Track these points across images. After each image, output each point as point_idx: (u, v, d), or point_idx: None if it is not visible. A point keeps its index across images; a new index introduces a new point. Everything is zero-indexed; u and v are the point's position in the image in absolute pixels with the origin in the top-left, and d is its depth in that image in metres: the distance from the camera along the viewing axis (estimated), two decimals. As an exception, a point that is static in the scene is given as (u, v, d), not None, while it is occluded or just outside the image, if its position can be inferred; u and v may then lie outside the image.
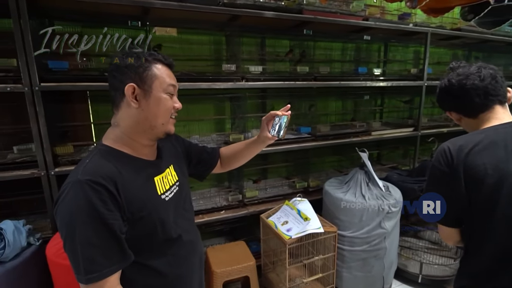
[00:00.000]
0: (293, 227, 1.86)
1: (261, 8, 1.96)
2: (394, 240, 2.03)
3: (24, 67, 1.51)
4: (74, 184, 0.73)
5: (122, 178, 0.79)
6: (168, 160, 1.00)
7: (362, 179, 2.05)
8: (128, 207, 0.78)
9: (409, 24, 2.56)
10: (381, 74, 2.60)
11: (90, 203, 0.71)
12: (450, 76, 1.03)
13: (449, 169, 0.94)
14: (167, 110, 0.87)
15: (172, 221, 0.90)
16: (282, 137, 1.09)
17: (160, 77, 0.85)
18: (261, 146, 1.17)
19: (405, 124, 2.84)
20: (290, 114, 1.10)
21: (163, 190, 0.91)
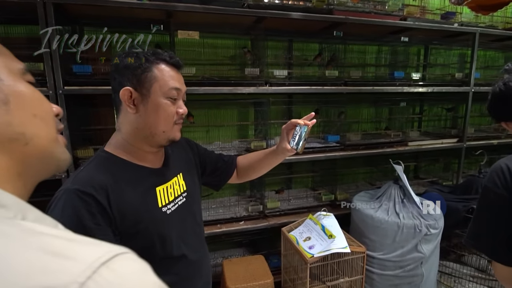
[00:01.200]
0: (316, 244, 1.71)
1: (288, 9, 1.86)
2: (432, 266, 1.79)
3: (49, 71, 1.54)
4: (63, 193, 0.67)
5: (117, 188, 0.71)
6: (177, 168, 0.91)
7: (396, 195, 1.85)
8: (121, 221, 0.70)
9: (454, 24, 2.31)
10: (420, 79, 2.36)
11: (77, 216, 0.64)
12: (507, 79, 0.85)
13: (507, 192, 0.76)
14: (168, 117, 0.78)
15: (175, 237, 0.81)
16: (300, 151, 0.96)
17: (160, 79, 0.76)
18: (281, 157, 1.05)
19: (448, 135, 2.56)
20: (312, 124, 0.96)
21: (166, 202, 0.82)
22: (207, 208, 2.10)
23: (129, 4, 1.59)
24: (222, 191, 2.36)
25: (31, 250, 0.25)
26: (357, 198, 2.01)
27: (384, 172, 2.63)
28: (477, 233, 0.88)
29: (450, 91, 2.41)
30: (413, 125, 2.87)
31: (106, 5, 1.56)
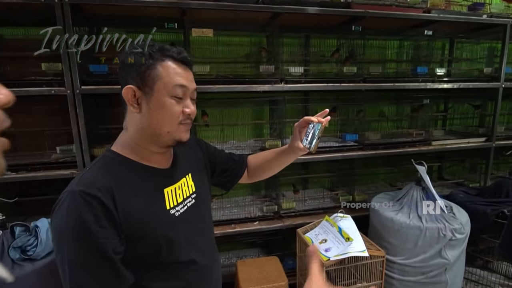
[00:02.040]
0: (333, 247, 1.65)
1: (304, 4, 1.80)
2: (458, 274, 1.69)
3: (67, 71, 1.56)
4: (68, 194, 0.65)
5: (123, 190, 0.69)
6: (186, 168, 0.88)
7: (418, 197, 1.75)
8: (127, 224, 0.68)
9: (483, 16, 2.17)
10: (445, 75, 2.24)
11: (81, 219, 0.62)
12: None
13: None
14: (173, 117, 0.74)
15: (184, 241, 0.78)
16: (313, 150, 0.91)
17: (165, 77, 0.72)
18: (292, 157, 1.00)
19: (475, 134, 2.42)
20: (326, 122, 0.90)
21: (174, 204, 0.79)
22: (221, 207, 2.08)
23: (144, 3, 1.59)
24: (236, 191, 2.34)
25: None
26: (376, 200, 1.93)
27: (405, 173, 2.52)
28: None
29: (477, 87, 2.26)
30: (437, 123, 2.72)
31: (121, 4, 1.57)
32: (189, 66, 0.78)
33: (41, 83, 1.61)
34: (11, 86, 1.55)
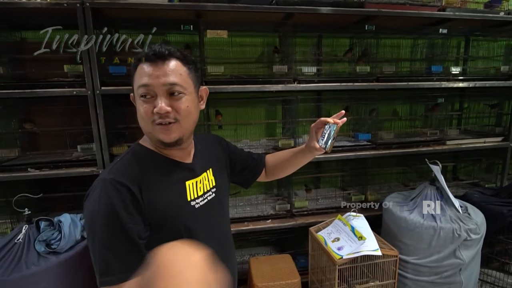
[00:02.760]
0: (345, 246, 1.66)
1: (317, 4, 1.81)
2: (473, 274, 1.68)
3: (88, 72, 1.62)
4: (100, 182, 0.72)
5: (148, 181, 0.74)
6: (207, 164, 0.92)
7: (432, 196, 1.74)
8: (151, 211, 0.73)
9: (500, 13, 2.13)
10: (460, 73, 2.21)
11: (111, 204, 0.68)
12: None
13: None
14: (143, 118, 0.75)
15: (202, 232, 0.82)
16: (328, 150, 0.93)
17: (136, 80, 0.75)
18: (309, 156, 1.02)
19: (492, 133, 2.38)
20: (342, 123, 0.92)
21: (195, 196, 0.83)
22: (234, 205, 2.11)
23: (160, 6, 1.63)
24: (249, 189, 2.37)
25: None
26: (389, 199, 1.93)
27: (419, 173, 2.49)
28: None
29: (494, 86, 2.22)
30: (452, 123, 2.69)
31: (139, 8, 1.62)
32: (162, 58, 0.74)
33: (63, 84, 1.68)
34: (35, 87, 1.63)
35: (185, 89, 0.76)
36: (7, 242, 1.38)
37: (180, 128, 0.77)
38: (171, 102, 0.74)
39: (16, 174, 1.69)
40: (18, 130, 1.88)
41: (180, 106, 0.75)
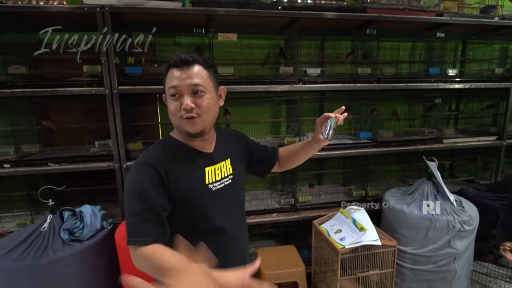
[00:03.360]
0: (347, 237, 1.77)
1: (322, 9, 1.92)
2: (466, 263, 1.79)
3: (106, 72, 1.73)
4: (136, 163, 0.90)
5: (174, 165, 0.90)
6: (226, 154, 1.06)
7: (429, 191, 1.85)
8: (174, 190, 0.89)
9: (495, 18, 2.24)
10: (457, 75, 2.32)
11: (141, 180, 0.86)
12: None
13: None
14: (173, 113, 0.92)
15: (217, 212, 0.96)
16: (330, 139, 1.06)
17: (166, 82, 0.92)
18: (316, 147, 1.15)
19: (486, 132, 2.49)
20: (343, 117, 1.06)
21: (212, 180, 0.97)
22: (241, 199, 2.22)
23: (175, 10, 1.74)
24: (256, 185, 2.48)
25: None
26: (388, 194, 2.04)
27: (417, 170, 2.60)
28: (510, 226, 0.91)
29: (489, 87, 2.33)
30: (449, 122, 2.80)
31: (154, 12, 1.72)
32: (187, 63, 0.89)
33: (82, 84, 1.79)
34: (55, 87, 1.73)
35: (206, 89, 0.91)
36: (34, 230, 1.49)
37: (203, 122, 0.92)
38: (195, 99, 0.90)
39: (38, 168, 1.79)
40: (37, 127, 1.98)
41: (202, 103, 0.90)
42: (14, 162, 1.80)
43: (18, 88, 1.74)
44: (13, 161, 1.80)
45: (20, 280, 1.34)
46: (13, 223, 1.91)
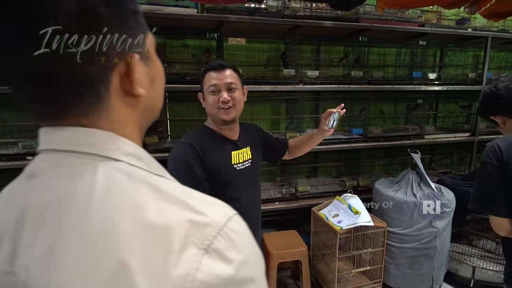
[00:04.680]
0: (344, 220, 2.00)
1: (320, 18, 2.15)
2: (445, 241, 2.07)
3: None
4: (177, 143, 1.14)
5: (206, 147, 1.15)
6: (247, 142, 1.30)
7: (413, 179, 2.12)
8: (208, 166, 1.13)
9: (468, 29, 2.55)
10: (436, 79, 2.62)
11: (185, 156, 1.09)
12: (494, 83, 1.16)
13: (499, 163, 1.05)
14: (211, 105, 1.18)
15: (239, 185, 1.20)
16: (334, 128, 1.35)
17: (205, 82, 1.19)
18: (321, 137, 1.42)
19: (461, 129, 2.81)
20: (343, 112, 1.35)
21: (236, 162, 1.22)
22: (246, 190, 2.41)
23: (190, 16, 1.92)
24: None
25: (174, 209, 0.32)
26: (378, 183, 2.29)
27: (402, 164, 2.89)
28: (479, 198, 1.16)
29: (464, 90, 2.65)
30: (429, 120, 3.12)
31: (172, 17, 1.89)
32: (223, 68, 1.18)
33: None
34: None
35: (237, 86, 1.19)
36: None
37: (235, 111, 1.19)
38: (229, 94, 1.18)
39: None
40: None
41: (235, 96, 1.19)
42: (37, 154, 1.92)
43: (43, 85, 1.87)
44: (36, 153, 1.91)
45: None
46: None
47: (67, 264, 0.29)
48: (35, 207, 0.32)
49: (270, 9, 2.09)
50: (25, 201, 0.34)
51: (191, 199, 0.34)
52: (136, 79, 0.37)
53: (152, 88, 0.40)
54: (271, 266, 1.99)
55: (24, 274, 0.31)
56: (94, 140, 0.35)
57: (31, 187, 0.35)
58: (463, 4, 1.97)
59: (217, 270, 0.29)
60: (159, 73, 0.42)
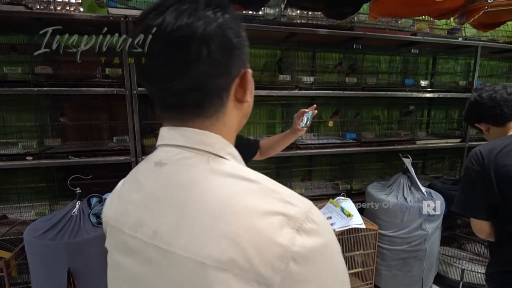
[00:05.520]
0: (337, 222, 2.06)
1: (316, 26, 2.22)
2: (435, 243, 2.13)
3: (127, 75, 1.93)
4: None
5: None
6: None
7: (404, 183, 2.18)
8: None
9: (459, 38, 2.64)
10: (428, 86, 2.69)
11: None
12: (479, 92, 1.22)
13: (481, 168, 1.11)
14: None
15: None
16: (307, 127, 1.36)
17: None
18: (294, 137, 1.42)
19: (452, 135, 2.88)
20: (315, 112, 1.37)
21: None
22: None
23: (190, 22, 1.97)
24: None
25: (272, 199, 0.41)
26: (370, 187, 2.35)
27: (394, 168, 2.96)
28: (462, 201, 1.22)
29: (454, 97, 2.73)
30: (422, 126, 3.19)
31: (172, 23, 1.95)
32: None
33: (103, 84, 1.98)
34: (79, 86, 1.92)
35: None
36: (64, 214, 1.66)
37: None
38: None
39: (59, 160, 1.96)
40: (55, 123, 2.13)
41: None
42: (37, 155, 1.95)
43: (44, 87, 1.91)
44: (35, 153, 1.95)
45: (58, 255, 1.51)
46: (32, 212, 2.05)
47: (190, 232, 0.39)
48: (167, 189, 0.44)
49: (268, 17, 2.16)
50: (159, 183, 0.45)
51: (281, 189, 0.43)
52: (248, 89, 0.50)
53: (251, 98, 0.53)
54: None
55: (150, 238, 0.42)
56: (208, 140, 0.46)
57: (163, 172, 0.46)
58: (452, 15, 2.05)
59: (307, 244, 0.38)
60: (253, 89, 0.54)
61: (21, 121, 2.08)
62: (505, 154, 1.07)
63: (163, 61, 0.43)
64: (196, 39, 0.41)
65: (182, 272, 0.39)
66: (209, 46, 0.42)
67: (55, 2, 2.06)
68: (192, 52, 0.42)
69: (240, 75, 0.48)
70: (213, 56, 0.42)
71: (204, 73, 0.43)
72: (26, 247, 1.59)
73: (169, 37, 0.42)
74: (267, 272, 0.37)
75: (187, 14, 0.42)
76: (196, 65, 0.42)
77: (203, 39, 0.41)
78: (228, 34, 0.44)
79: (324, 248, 0.40)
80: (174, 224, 0.41)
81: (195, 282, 0.38)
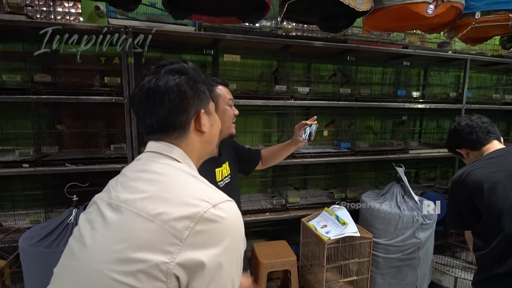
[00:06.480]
0: (332, 230, 2.08)
1: (311, 39, 2.29)
2: (428, 252, 2.15)
3: (126, 83, 1.96)
4: None
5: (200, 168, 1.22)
6: (225, 158, 1.34)
7: (398, 192, 2.22)
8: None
9: (448, 52, 2.73)
10: (419, 97, 2.77)
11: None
12: (457, 121, 1.37)
13: (463, 189, 1.21)
14: (230, 118, 1.25)
15: None
16: (311, 139, 1.45)
17: (220, 95, 1.23)
18: (294, 147, 1.50)
19: (444, 145, 2.94)
20: (317, 124, 1.45)
21: (220, 179, 1.26)
22: (238, 200, 2.48)
23: (189, 33, 2.02)
24: (249, 188, 2.75)
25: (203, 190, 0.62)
26: (365, 196, 2.39)
27: (388, 177, 3.00)
28: (449, 217, 1.31)
29: (445, 108, 2.81)
30: (414, 136, 3.26)
31: (170, 34, 1.99)
32: (227, 85, 1.30)
33: (102, 93, 2.00)
34: (78, 94, 1.94)
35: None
36: (60, 222, 1.66)
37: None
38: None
39: (56, 168, 1.96)
40: (53, 131, 2.14)
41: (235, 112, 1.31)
42: (33, 162, 1.95)
43: (43, 94, 1.92)
44: (32, 161, 1.95)
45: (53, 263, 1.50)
46: (26, 220, 2.03)
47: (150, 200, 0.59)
48: (137, 172, 0.66)
49: (264, 29, 2.22)
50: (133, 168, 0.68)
51: (211, 188, 0.65)
52: (202, 123, 0.71)
53: (211, 129, 0.75)
54: (261, 275, 2.04)
55: (123, 203, 0.60)
56: (171, 149, 0.69)
57: (136, 164, 0.69)
58: (442, 29, 2.13)
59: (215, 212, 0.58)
60: (216, 122, 0.78)
61: (18, 128, 2.09)
62: (477, 170, 1.19)
63: (142, 105, 0.67)
64: (160, 91, 0.65)
65: (131, 220, 0.58)
66: (169, 95, 0.65)
67: (56, 12, 2.11)
68: (157, 100, 0.66)
69: (197, 114, 0.70)
70: (172, 102, 0.66)
71: (166, 113, 0.66)
72: (21, 255, 1.58)
73: (145, 91, 0.66)
74: (180, 227, 0.54)
75: (155, 78, 0.67)
76: (161, 107, 0.66)
77: (164, 91, 0.65)
78: (183, 88, 0.67)
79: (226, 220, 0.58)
80: (133, 192, 0.61)
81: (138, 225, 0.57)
